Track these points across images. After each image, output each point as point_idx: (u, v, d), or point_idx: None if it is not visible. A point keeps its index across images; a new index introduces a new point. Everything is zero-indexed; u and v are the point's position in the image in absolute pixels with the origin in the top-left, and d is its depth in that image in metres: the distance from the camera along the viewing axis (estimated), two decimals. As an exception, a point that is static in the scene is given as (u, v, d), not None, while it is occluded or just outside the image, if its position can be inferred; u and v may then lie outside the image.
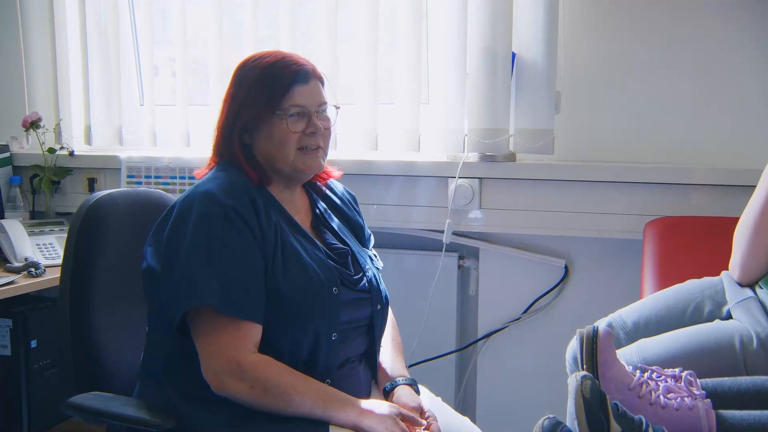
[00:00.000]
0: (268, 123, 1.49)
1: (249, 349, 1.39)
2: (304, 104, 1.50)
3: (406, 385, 1.58)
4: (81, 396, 1.49)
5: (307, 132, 1.50)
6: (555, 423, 1.22)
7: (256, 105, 1.49)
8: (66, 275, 1.59)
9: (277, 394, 1.37)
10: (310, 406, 1.37)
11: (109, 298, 1.63)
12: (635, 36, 2.36)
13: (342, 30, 2.53)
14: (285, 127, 1.48)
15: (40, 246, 2.57)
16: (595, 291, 2.41)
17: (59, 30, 2.88)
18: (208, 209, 1.41)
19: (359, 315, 1.56)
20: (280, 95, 1.48)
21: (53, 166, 2.85)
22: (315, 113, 1.51)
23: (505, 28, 2.32)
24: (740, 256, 1.71)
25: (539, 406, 1.56)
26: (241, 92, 1.52)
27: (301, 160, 1.51)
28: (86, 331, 1.58)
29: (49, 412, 2.65)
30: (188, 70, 2.73)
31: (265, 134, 1.50)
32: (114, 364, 1.62)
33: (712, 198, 2.25)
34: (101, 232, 1.64)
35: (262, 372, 1.37)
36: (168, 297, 1.42)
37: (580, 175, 2.34)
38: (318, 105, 1.52)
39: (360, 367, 1.58)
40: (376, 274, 1.64)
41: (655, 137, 2.37)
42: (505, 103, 2.35)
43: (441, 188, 2.47)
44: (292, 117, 1.48)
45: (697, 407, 1.31)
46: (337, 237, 1.63)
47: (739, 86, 2.28)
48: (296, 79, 1.49)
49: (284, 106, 1.48)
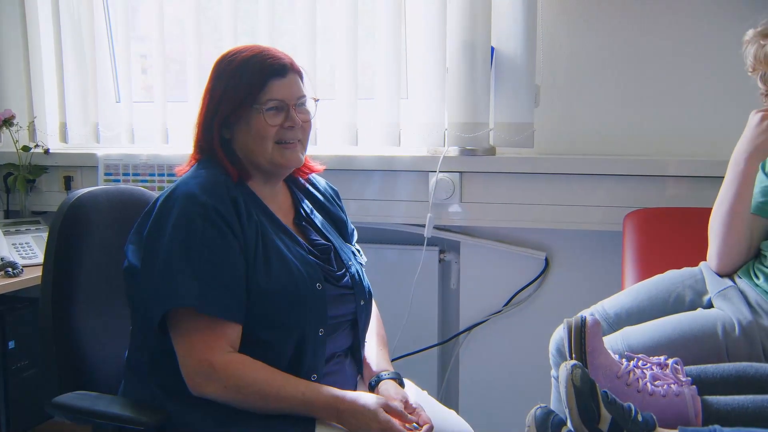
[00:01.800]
0: (246, 117, 1.49)
1: (223, 349, 1.38)
2: (282, 98, 1.49)
3: (390, 379, 1.58)
4: (65, 395, 1.48)
5: (285, 126, 1.50)
6: (547, 412, 1.24)
7: (234, 99, 1.49)
8: (48, 274, 1.58)
9: (251, 392, 1.36)
10: (290, 403, 1.37)
11: (92, 296, 1.62)
12: (613, 29, 2.39)
13: (320, 25, 2.52)
14: (263, 121, 1.48)
15: (17, 246, 2.53)
16: (576, 283, 2.43)
17: (31, 25, 2.83)
18: (188, 209, 1.41)
19: (343, 310, 1.56)
20: (257, 89, 1.48)
21: (28, 165, 2.80)
22: (293, 107, 1.51)
23: (483, 22, 2.33)
24: (716, 248, 1.74)
25: (522, 397, 1.58)
26: (220, 87, 1.51)
27: (279, 153, 1.51)
28: (69, 330, 1.57)
29: (28, 414, 2.62)
30: (165, 65, 2.70)
31: (243, 128, 1.50)
32: (98, 363, 1.61)
33: (690, 189, 2.28)
34: (83, 230, 1.62)
35: (233, 371, 1.37)
36: (148, 297, 1.41)
37: (560, 168, 2.36)
38: (296, 98, 1.52)
39: (346, 362, 1.58)
40: (359, 269, 1.64)
41: (633, 130, 2.39)
42: (485, 97, 2.36)
43: (422, 182, 2.47)
44: (270, 111, 1.49)
45: (684, 393, 1.34)
46: (320, 233, 1.63)
47: (714, 78, 2.32)
48: (273, 73, 1.49)
49: (262, 100, 1.48)
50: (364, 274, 1.65)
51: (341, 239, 1.69)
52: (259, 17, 2.56)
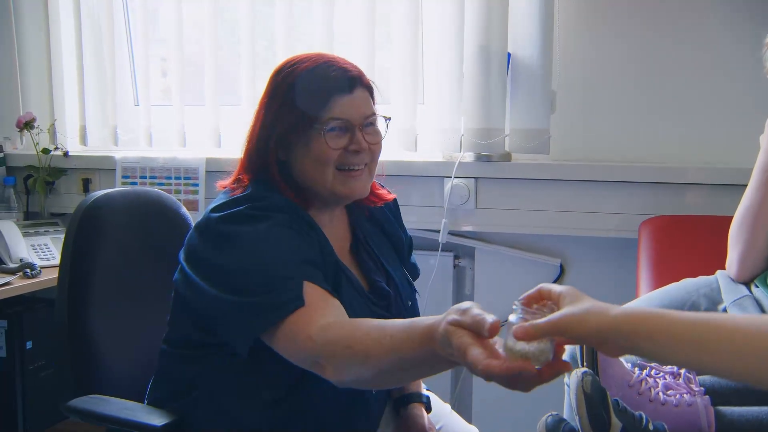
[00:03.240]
0: (305, 138, 1.30)
1: (316, 323, 1.15)
2: (347, 117, 1.30)
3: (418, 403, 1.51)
4: (79, 399, 1.48)
5: (350, 149, 1.31)
6: (558, 420, 1.23)
7: (291, 118, 1.30)
8: (64, 276, 1.58)
9: (355, 353, 1.08)
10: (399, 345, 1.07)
11: (107, 298, 1.62)
12: (630, 35, 2.38)
13: (337, 29, 2.53)
14: (324, 144, 1.28)
15: (35, 247, 2.56)
16: (591, 290, 2.36)
17: (53, 30, 2.87)
18: (260, 223, 1.24)
19: None
20: (318, 106, 1.29)
21: (47, 167, 2.84)
22: (360, 127, 1.31)
23: (500, 28, 2.32)
24: (738, 254, 1.71)
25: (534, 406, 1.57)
26: (276, 102, 1.33)
27: (341, 182, 1.32)
28: (84, 332, 1.57)
29: (44, 413, 2.65)
30: (183, 69, 2.73)
31: (302, 151, 1.31)
32: (113, 366, 1.61)
33: (707, 197, 2.26)
34: (99, 232, 1.62)
35: (331, 339, 1.12)
36: (234, 323, 1.23)
37: (576, 175, 2.35)
38: (364, 118, 1.32)
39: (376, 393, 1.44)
40: (416, 305, 1.51)
41: (650, 136, 2.38)
42: (501, 103, 2.35)
43: (437, 188, 2.47)
44: (332, 132, 1.29)
45: (696, 403, 1.33)
46: (380, 268, 1.46)
47: (733, 85, 2.30)
48: (338, 88, 1.30)
49: (323, 119, 1.29)
50: (417, 310, 1.51)
51: (400, 266, 1.54)
52: (276, 22, 2.57)
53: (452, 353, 0.96)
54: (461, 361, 0.95)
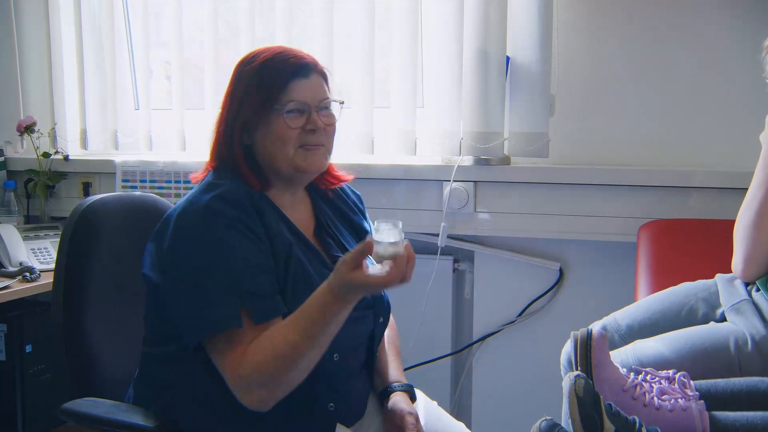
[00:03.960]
0: (266, 120, 1.42)
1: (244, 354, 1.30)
2: (304, 99, 1.43)
3: (402, 391, 1.55)
4: (73, 402, 1.49)
5: (307, 128, 1.43)
6: (552, 425, 1.23)
7: (254, 102, 1.42)
8: (59, 280, 1.59)
9: (281, 362, 1.27)
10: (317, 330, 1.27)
11: (103, 302, 1.63)
12: (629, 38, 2.37)
13: (337, 32, 2.53)
14: (283, 124, 1.41)
15: (35, 250, 2.57)
16: (590, 294, 2.41)
17: (54, 34, 2.88)
18: (210, 221, 1.34)
19: (361, 332, 1.50)
20: (278, 90, 1.41)
21: (48, 171, 2.84)
22: (316, 109, 1.44)
23: (499, 31, 2.32)
24: (743, 253, 1.69)
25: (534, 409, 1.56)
26: (239, 90, 1.45)
27: (301, 157, 1.44)
28: (80, 335, 1.59)
29: (44, 417, 2.64)
30: (184, 73, 2.73)
31: (263, 132, 1.43)
32: (108, 369, 1.62)
33: (706, 201, 2.26)
34: (94, 236, 1.64)
35: (253, 364, 1.28)
36: (180, 320, 1.36)
37: (575, 178, 2.35)
38: (319, 100, 1.45)
39: (359, 381, 1.54)
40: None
41: (650, 140, 2.37)
42: (500, 107, 2.35)
43: (436, 191, 2.47)
44: (291, 113, 1.42)
45: (691, 408, 1.32)
46: (341, 246, 1.55)
47: (731, 88, 2.29)
48: (295, 73, 1.43)
49: (282, 101, 1.41)
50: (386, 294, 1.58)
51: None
52: (276, 25, 2.57)
53: (354, 289, 1.25)
54: (365, 289, 1.28)
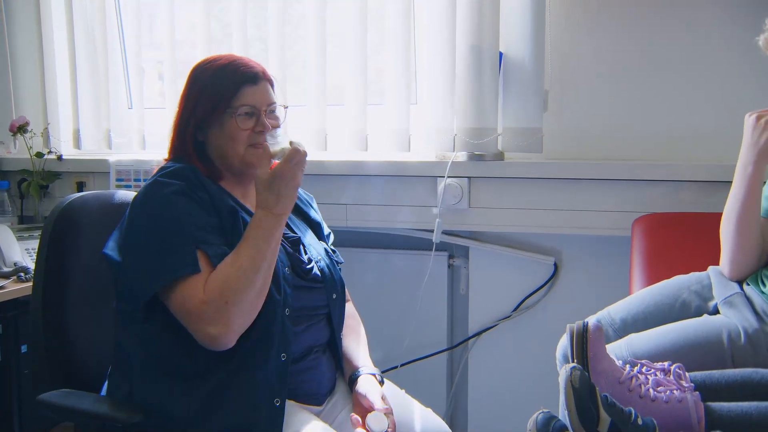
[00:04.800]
0: (220, 121, 1.56)
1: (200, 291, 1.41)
2: (254, 103, 1.57)
3: (369, 375, 1.63)
4: (49, 393, 1.51)
5: (256, 130, 1.57)
6: (549, 417, 1.23)
7: (209, 103, 1.56)
8: (39, 276, 1.63)
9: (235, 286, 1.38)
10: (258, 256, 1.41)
11: (82, 297, 1.66)
12: (622, 33, 2.38)
13: (330, 31, 2.54)
14: (235, 125, 1.55)
15: (29, 251, 2.55)
16: (585, 288, 2.42)
17: (46, 33, 2.88)
18: (156, 192, 1.48)
19: (314, 302, 1.61)
20: (230, 95, 1.56)
21: (41, 171, 2.84)
22: (264, 112, 1.58)
23: (492, 27, 2.33)
24: (729, 253, 1.72)
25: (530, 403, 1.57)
26: (195, 91, 1.59)
27: (251, 154, 1.57)
28: (60, 330, 1.61)
29: (40, 417, 2.64)
30: (176, 72, 2.72)
31: (217, 132, 1.57)
32: (89, 362, 1.64)
33: (699, 194, 2.27)
34: (74, 233, 1.67)
35: (210, 295, 1.38)
36: (143, 274, 1.44)
37: (569, 173, 2.36)
38: (267, 104, 1.59)
39: (324, 358, 1.63)
40: (330, 264, 1.68)
41: (643, 134, 2.38)
42: (493, 103, 2.36)
43: (430, 187, 2.48)
44: (242, 116, 1.55)
45: (686, 399, 1.33)
46: (290, 229, 1.67)
47: (724, 83, 2.30)
48: (246, 80, 1.57)
49: (235, 105, 1.55)
50: (335, 270, 1.69)
51: (315, 238, 1.74)
52: (269, 24, 2.57)
53: (270, 184, 1.41)
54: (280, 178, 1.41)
